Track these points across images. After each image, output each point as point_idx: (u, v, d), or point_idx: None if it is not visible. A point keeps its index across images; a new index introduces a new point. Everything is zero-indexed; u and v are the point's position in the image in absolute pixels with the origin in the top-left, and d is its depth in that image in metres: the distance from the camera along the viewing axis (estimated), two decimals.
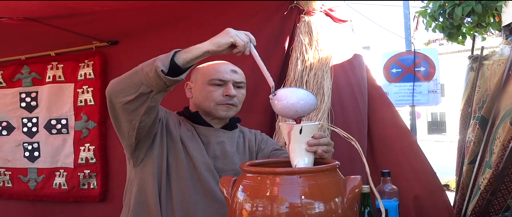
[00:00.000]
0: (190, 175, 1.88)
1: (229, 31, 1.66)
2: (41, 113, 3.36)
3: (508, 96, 3.03)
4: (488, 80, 4.05)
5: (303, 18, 2.70)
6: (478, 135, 3.73)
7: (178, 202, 1.85)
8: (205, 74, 1.94)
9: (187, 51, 1.63)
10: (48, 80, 3.34)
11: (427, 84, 6.88)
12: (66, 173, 3.28)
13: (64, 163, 3.29)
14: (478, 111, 3.95)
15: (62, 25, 3.21)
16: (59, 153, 3.31)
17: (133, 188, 1.90)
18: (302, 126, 1.55)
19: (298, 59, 2.65)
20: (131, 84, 1.65)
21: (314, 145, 1.56)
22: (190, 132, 1.95)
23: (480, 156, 3.31)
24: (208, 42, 1.64)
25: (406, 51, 7.49)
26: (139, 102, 1.67)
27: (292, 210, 1.38)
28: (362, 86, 2.78)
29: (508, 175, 2.63)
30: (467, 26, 5.75)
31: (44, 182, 3.32)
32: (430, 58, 7.03)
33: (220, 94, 1.93)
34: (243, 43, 1.65)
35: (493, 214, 2.63)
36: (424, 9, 6.22)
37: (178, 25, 2.98)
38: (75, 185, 3.25)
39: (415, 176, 2.66)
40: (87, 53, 3.26)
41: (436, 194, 2.69)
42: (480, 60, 4.61)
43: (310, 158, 1.58)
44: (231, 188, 1.51)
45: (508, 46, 4.08)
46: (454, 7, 5.44)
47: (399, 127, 2.81)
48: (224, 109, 1.95)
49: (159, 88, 1.63)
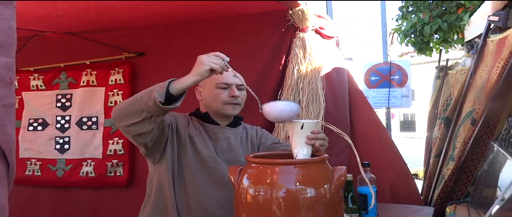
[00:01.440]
0: (199, 168, 1.89)
1: (202, 60, 1.62)
2: (74, 112, 3.35)
3: (469, 100, 3.04)
4: (452, 87, 4.06)
5: (298, 35, 2.70)
6: (443, 132, 3.74)
7: (191, 191, 1.87)
8: (212, 79, 1.92)
9: (178, 82, 1.62)
10: (82, 84, 3.33)
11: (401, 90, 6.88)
12: (94, 163, 3.27)
13: (93, 154, 3.28)
14: (443, 112, 3.96)
15: (96, 38, 3.24)
16: (88, 146, 3.30)
17: (153, 182, 1.92)
18: (303, 123, 1.57)
19: (294, 68, 2.66)
20: (133, 111, 1.65)
21: (313, 139, 1.57)
22: (198, 130, 1.96)
23: (444, 150, 3.32)
24: (191, 75, 1.63)
25: (383, 62, 7.48)
26: (141, 125, 1.67)
27: (288, 194, 1.40)
28: (343, 91, 2.80)
29: (468, 166, 2.63)
30: (434, 41, 5.76)
31: (72, 171, 3.31)
32: (403, 68, 7.04)
33: (226, 95, 1.95)
34: (218, 66, 1.63)
35: (455, 199, 2.64)
36: (399, 27, 6.23)
37: (193, 39, 3.00)
38: (102, 173, 3.25)
39: (390, 166, 2.67)
40: (117, 62, 3.26)
41: (409, 182, 2.70)
42: (445, 70, 4.62)
43: (309, 149, 1.59)
44: (237, 176, 1.52)
45: (469, 58, 4.09)
46: (424, 25, 5.46)
47: (377, 125, 2.82)
48: (230, 108, 1.96)
49: (158, 113, 1.64)
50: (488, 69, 2.79)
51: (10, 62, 0.83)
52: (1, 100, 0.81)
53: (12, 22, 0.84)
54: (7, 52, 0.82)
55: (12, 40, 0.84)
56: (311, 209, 1.40)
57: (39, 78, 3.46)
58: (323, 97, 2.62)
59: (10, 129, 0.83)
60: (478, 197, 2.28)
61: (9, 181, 0.84)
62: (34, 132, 3.43)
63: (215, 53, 1.67)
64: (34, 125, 3.43)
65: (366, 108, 2.85)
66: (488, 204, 1.83)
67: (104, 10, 2.71)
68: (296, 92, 2.61)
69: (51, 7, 2.60)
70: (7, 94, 0.82)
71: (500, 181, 1.85)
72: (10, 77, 0.82)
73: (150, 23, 3.07)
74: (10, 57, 0.82)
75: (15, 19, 0.85)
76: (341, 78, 2.83)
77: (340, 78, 2.82)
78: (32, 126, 3.44)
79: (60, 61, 3.42)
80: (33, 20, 2.88)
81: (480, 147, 2.57)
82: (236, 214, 1.52)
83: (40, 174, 3.39)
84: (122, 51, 3.24)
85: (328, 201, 1.43)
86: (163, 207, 1.87)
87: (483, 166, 2.40)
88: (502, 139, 2.22)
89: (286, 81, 2.68)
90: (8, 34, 0.82)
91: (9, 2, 0.83)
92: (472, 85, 3.13)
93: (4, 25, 0.82)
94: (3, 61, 0.81)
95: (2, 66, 0.81)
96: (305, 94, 2.59)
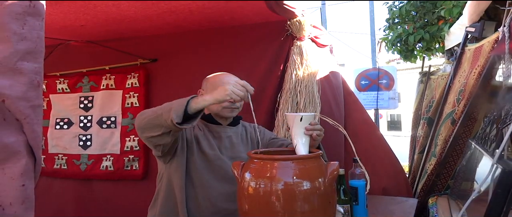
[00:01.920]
0: (205, 166, 1.88)
1: (226, 89, 1.57)
2: (95, 112, 3.36)
3: (449, 103, 3.03)
4: (434, 90, 4.06)
5: (295, 43, 2.69)
6: (426, 131, 3.74)
7: (199, 187, 1.86)
8: (214, 84, 1.90)
9: (196, 102, 1.59)
10: (102, 88, 3.34)
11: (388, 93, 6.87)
12: (112, 158, 3.28)
13: (111, 150, 3.29)
14: (426, 113, 3.95)
15: (115, 46, 3.24)
16: (107, 143, 3.31)
17: (163, 179, 1.91)
18: (302, 116, 1.58)
19: (292, 74, 2.65)
20: (154, 126, 1.64)
21: (311, 130, 1.58)
22: (202, 130, 1.94)
23: (427, 147, 3.31)
24: (211, 97, 1.59)
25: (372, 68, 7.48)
26: (161, 138, 1.67)
27: (286, 187, 1.40)
28: (338, 94, 2.80)
29: (449, 162, 2.63)
30: (418, 50, 5.75)
31: (93, 165, 3.32)
32: (390, 73, 7.03)
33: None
34: (238, 98, 1.58)
35: (437, 192, 2.63)
36: (386, 36, 6.22)
37: (202, 47, 3.00)
38: (120, 167, 3.25)
39: (380, 162, 2.66)
40: (133, 68, 3.27)
41: (398, 175, 2.69)
42: (428, 75, 4.62)
43: (307, 139, 1.60)
44: (240, 171, 1.52)
45: (449, 65, 4.09)
46: (408, 35, 5.45)
47: (368, 124, 2.81)
48: (228, 111, 1.93)
49: (176, 130, 1.63)
50: (466, 75, 2.79)
51: (38, 67, 0.84)
52: (29, 102, 0.81)
53: (41, 32, 0.85)
54: (36, 58, 0.83)
55: (41, 48, 0.84)
56: (307, 201, 1.40)
57: (64, 82, 3.46)
58: (319, 99, 2.61)
59: (38, 127, 0.84)
60: (457, 190, 2.27)
61: (36, 175, 0.84)
62: (60, 131, 3.44)
63: (242, 83, 1.62)
64: (61, 124, 3.45)
65: (358, 109, 2.85)
66: (466, 196, 1.83)
67: (122, 21, 2.71)
68: (294, 95, 2.61)
69: (75, 18, 2.61)
70: (35, 96, 0.83)
71: (477, 175, 1.84)
72: (38, 81, 0.83)
73: (162, 32, 3.07)
74: (38, 63, 0.83)
75: (43, 30, 0.86)
76: (337, 81, 2.82)
77: (336, 82, 2.81)
78: (58, 125, 3.45)
79: (82, 67, 3.43)
80: (59, 29, 2.89)
81: (459, 144, 2.57)
82: (239, 204, 1.52)
83: (66, 168, 3.41)
84: (138, 58, 3.24)
85: (322, 193, 1.43)
86: (173, 202, 1.86)
87: (462, 161, 2.40)
88: (479, 137, 2.22)
89: (285, 85, 2.68)
90: (37, 43, 0.83)
91: (38, 15, 0.84)
92: (452, 89, 3.12)
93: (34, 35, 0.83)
94: (33, 66, 0.82)
95: (32, 70, 0.82)
96: (302, 97, 2.59)
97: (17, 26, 0.80)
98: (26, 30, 0.81)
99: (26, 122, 0.81)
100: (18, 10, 0.80)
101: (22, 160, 0.80)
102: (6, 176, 0.79)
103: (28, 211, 0.81)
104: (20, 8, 0.80)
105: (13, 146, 0.80)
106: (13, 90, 0.79)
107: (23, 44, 0.80)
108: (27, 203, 0.81)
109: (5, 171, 0.79)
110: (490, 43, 2.40)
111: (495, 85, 2.33)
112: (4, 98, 0.78)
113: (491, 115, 2.11)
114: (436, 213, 2.20)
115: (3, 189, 0.79)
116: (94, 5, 2.38)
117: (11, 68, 0.79)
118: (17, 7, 0.80)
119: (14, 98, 0.79)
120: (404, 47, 5.76)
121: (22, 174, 0.80)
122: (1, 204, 0.78)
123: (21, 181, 0.80)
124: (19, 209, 0.80)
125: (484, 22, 2.74)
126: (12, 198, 0.79)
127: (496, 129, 1.89)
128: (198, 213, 1.84)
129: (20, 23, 0.80)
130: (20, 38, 0.80)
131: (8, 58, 0.79)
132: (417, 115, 4.74)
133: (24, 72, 0.80)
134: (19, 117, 0.80)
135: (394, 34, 5.80)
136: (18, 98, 0.79)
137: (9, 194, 0.79)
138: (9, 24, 0.79)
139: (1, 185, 0.79)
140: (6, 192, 0.79)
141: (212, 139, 1.94)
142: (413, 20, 5.64)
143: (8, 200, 0.79)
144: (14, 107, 0.79)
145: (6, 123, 0.79)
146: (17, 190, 0.79)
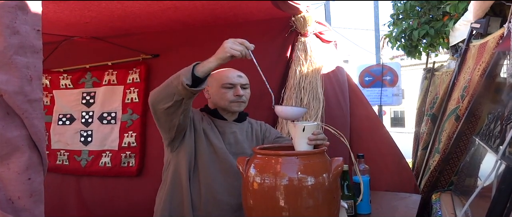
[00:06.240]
0: (211, 157, 1.90)
1: (225, 46, 1.61)
2: (96, 108, 3.35)
3: (453, 99, 3.03)
4: (438, 87, 4.05)
5: (300, 39, 2.69)
6: (429, 128, 3.74)
7: (203, 177, 1.88)
8: (218, 79, 1.95)
9: (202, 66, 1.62)
10: (104, 83, 3.34)
11: (392, 89, 6.88)
12: (111, 154, 3.27)
13: (111, 146, 3.28)
14: (430, 110, 3.95)
15: (117, 42, 3.24)
16: (107, 138, 3.30)
17: (170, 168, 1.92)
18: (304, 126, 1.57)
19: (296, 70, 2.65)
20: (166, 95, 1.68)
21: (313, 140, 1.57)
22: (210, 125, 1.97)
23: (431, 143, 3.31)
24: (213, 59, 1.61)
25: (376, 64, 7.48)
26: (175, 107, 1.70)
27: (291, 182, 1.40)
28: (344, 90, 2.78)
29: (452, 158, 2.63)
30: (422, 46, 5.73)
31: (93, 161, 3.31)
32: (394, 69, 7.03)
33: (231, 95, 1.95)
34: (238, 52, 1.60)
35: (440, 188, 2.63)
36: (390, 32, 6.20)
37: (204, 42, 2.99)
38: (117, 163, 3.24)
39: (385, 157, 2.66)
40: (135, 63, 3.26)
41: (403, 172, 2.69)
42: (432, 72, 4.61)
43: (310, 149, 1.59)
44: (245, 166, 1.53)
45: (453, 61, 4.08)
46: (412, 31, 5.43)
47: (372, 120, 2.81)
48: (236, 105, 1.96)
49: (188, 96, 1.65)
50: (470, 71, 2.78)
51: (31, 62, 0.83)
52: (26, 96, 0.82)
53: (34, 27, 0.85)
54: (27, 53, 0.83)
55: (33, 43, 0.84)
56: (311, 196, 1.40)
57: (67, 78, 3.47)
58: (322, 95, 2.61)
59: (38, 122, 0.84)
60: (460, 186, 2.27)
61: (43, 168, 0.85)
62: (63, 126, 3.44)
63: (240, 40, 1.65)
64: (63, 120, 3.45)
65: (362, 105, 2.84)
66: (470, 192, 1.83)
67: (125, 17, 2.72)
68: (298, 91, 2.60)
69: (80, 15, 2.62)
70: (30, 90, 0.83)
71: (480, 172, 1.84)
72: (30, 75, 0.83)
73: (165, 28, 3.07)
74: (30, 57, 0.83)
75: (39, 25, 0.86)
76: (342, 77, 2.82)
77: (341, 77, 2.80)
78: (61, 121, 3.45)
79: (86, 62, 3.43)
80: (64, 26, 2.90)
81: (463, 141, 2.56)
82: (244, 199, 1.52)
83: (68, 164, 3.41)
84: (140, 53, 3.24)
85: (326, 189, 1.43)
86: (179, 190, 1.88)
87: (465, 158, 2.40)
88: (482, 133, 2.22)
89: (289, 81, 2.67)
90: (29, 37, 0.83)
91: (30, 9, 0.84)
92: (456, 85, 3.12)
93: (26, 29, 0.83)
94: (24, 61, 0.82)
95: (23, 65, 0.82)
96: (306, 93, 2.58)
97: (9, 20, 0.80)
98: (18, 24, 0.81)
99: (25, 117, 0.81)
100: (10, 4, 0.80)
101: (25, 154, 0.81)
102: (11, 171, 0.80)
103: (38, 203, 0.82)
104: (11, 2, 0.80)
105: (16, 140, 0.80)
106: (10, 85, 0.79)
107: (16, 38, 0.80)
108: (35, 196, 0.82)
109: (10, 166, 0.80)
110: (495, 39, 2.39)
111: (499, 81, 2.32)
112: (2, 93, 0.79)
113: (495, 112, 2.10)
114: (439, 209, 2.20)
115: (10, 183, 0.80)
116: (98, 3, 2.39)
117: (6, 62, 0.79)
118: (9, 1, 0.80)
119: (11, 92, 0.79)
120: (408, 43, 5.75)
121: (27, 168, 0.81)
122: (10, 198, 0.79)
123: (26, 175, 0.81)
124: (28, 202, 0.81)
125: (490, 18, 2.73)
126: (20, 192, 0.80)
127: (500, 125, 1.89)
128: (199, 204, 1.86)
129: (12, 17, 0.80)
130: (12, 32, 0.80)
131: (2, 53, 0.79)
132: (421, 111, 4.74)
133: (19, 67, 0.81)
134: (18, 112, 0.80)
135: (399, 29, 5.78)
136: (15, 92, 0.80)
137: (16, 188, 0.80)
138: (1, 18, 0.79)
139: (8, 179, 0.80)
140: (13, 187, 0.80)
141: (218, 134, 1.96)
142: (418, 16, 5.63)
143: (16, 194, 0.80)
144: (12, 102, 0.80)
145: (10, 117, 0.80)
146: (24, 184, 0.80)
